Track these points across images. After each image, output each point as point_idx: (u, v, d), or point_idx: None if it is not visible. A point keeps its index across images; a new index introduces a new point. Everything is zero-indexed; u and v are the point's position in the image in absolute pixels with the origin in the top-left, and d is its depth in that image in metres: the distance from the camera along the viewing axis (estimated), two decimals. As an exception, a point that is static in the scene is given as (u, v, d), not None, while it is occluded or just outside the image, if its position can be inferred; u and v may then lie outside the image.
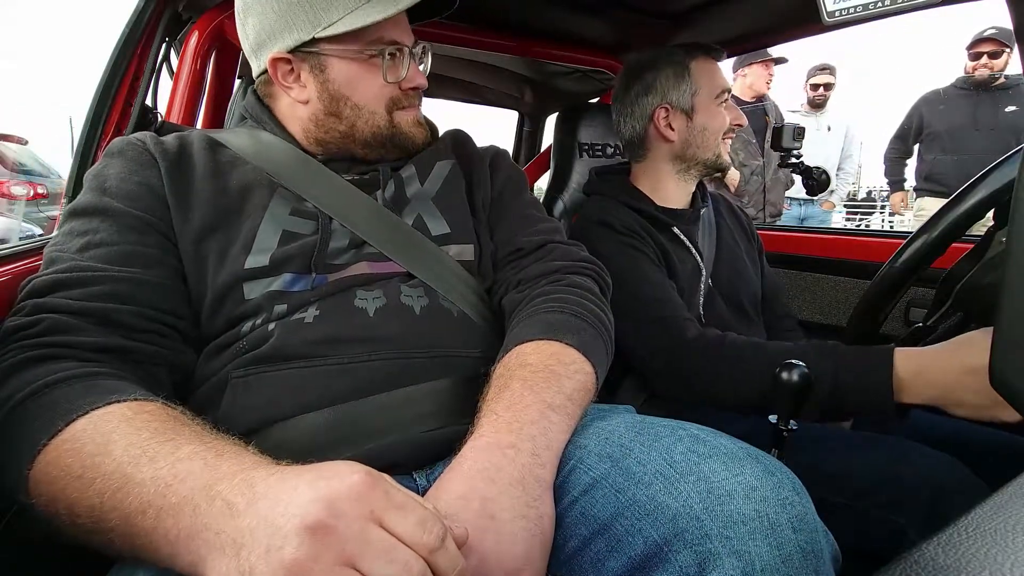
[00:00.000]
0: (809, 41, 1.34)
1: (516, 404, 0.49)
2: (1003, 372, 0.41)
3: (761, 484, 0.40)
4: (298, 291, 0.61)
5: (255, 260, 0.60)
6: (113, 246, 0.57)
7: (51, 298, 0.52)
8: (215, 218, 0.62)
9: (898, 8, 0.60)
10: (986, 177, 0.67)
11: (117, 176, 0.62)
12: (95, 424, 0.42)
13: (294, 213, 0.64)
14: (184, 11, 1.07)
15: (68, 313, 0.52)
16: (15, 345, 0.49)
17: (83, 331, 0.51)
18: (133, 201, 0.60)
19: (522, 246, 0.73)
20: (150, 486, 0.37)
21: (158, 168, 0.63)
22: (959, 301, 0.69)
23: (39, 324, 0.50)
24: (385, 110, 0.70)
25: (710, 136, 1.01)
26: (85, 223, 0.59)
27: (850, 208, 9.39)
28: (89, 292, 0.53)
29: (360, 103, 0.69)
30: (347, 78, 0.68)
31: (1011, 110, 2.62)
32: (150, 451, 0.39)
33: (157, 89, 1.07)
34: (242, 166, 0.66)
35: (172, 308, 0.58)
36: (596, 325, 0.62)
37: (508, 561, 0.39)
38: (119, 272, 0.55)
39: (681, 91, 1.00)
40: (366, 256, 0.65)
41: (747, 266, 1.09)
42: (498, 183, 0.80)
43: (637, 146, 1.06)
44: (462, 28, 1.31)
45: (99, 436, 0.41)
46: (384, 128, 0.70)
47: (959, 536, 0.27)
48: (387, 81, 0.69)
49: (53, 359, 0.49)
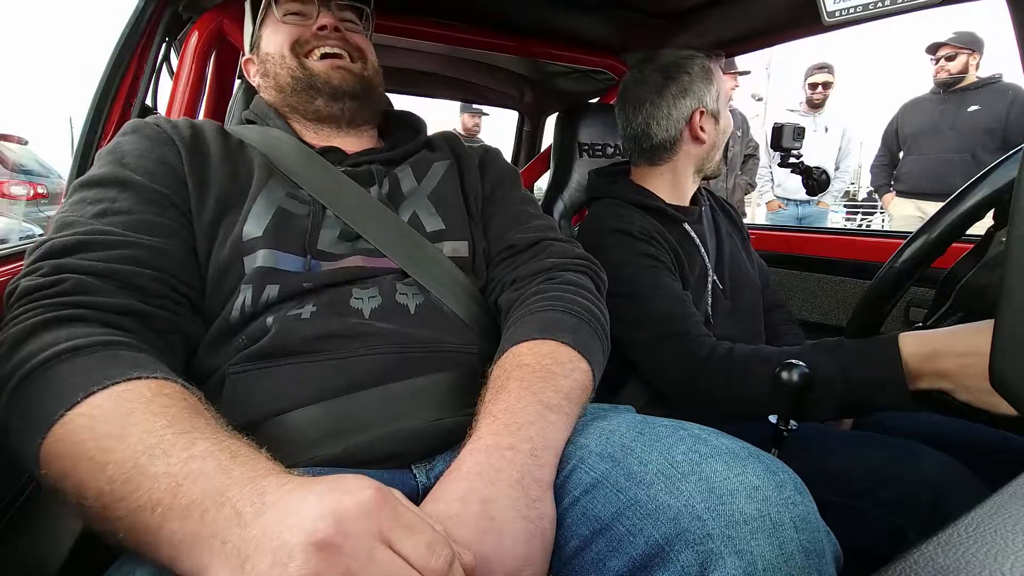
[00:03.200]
0: (810, 41, 1.34)
1: (514, 405, 0.49)
2: (1003, 372, 0.41)
3: (763, 483, 0.39)
4: (292, 271, 0.61)
5: (249, 231, 0.62)
6: (132, 215, 0.57)
7: (72, 259, 0.51)
8: (227, 200, 0.64)
9: (898, 8, 0.60)
10: (986, 177, 0.67)
11: (135, 152, 0.63)
12: (114, 401, 0.41)
13: (290, 195, 0.66)
14: (184, 11, 1.07)
15: (92, 275, 0.51)
16: (35, 304, 0.48)
17: (107, 293, 0.51)
18: (152, 176, 0.61)
19: (516, 243, 0.73)
20: (162, 482, 0.36)
21: (176, 147, 0.65)
22: (959, 301, 0.69)
23: (62, 283, 0.49)
24: (292, 52, 0.76)
25: (724, 138, 1.03)
26: (101, 192, 0.58)
27: (850, 208, 9.42)
28: (111, 255, 0.53)
29: (271, 52, 0.78)
30: (264, 40, 0.79)
31: (972, 110, 2.68)
32: (165, 442, 0.38)
33: (157, 89, 1.07)
34: (247, 151, 0.70)
35: (187, 279, 0.59)
36: (592, 323, 0.62)
37: (509, 562, 0.39)
38: (139, 239, 0.55)
39: (712, 94, 1.00)
40: (361, 251, 0.66)
41: (744, 260, 1.09)
42: (489, 180, 0.80)
43: (665, 149, 1.02)
44: (462, 28, 1.31)
45: (116, 416, 0.40)
46: (297, 70, 0.76)
47: (959, 536, 0.27)
48: (282, 22, 0.77)
49: (76, 321, 0.47)
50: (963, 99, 2.71)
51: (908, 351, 0.68)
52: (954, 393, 0.65)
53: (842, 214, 8.97)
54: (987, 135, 2.61)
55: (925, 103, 2.87)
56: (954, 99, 2.73)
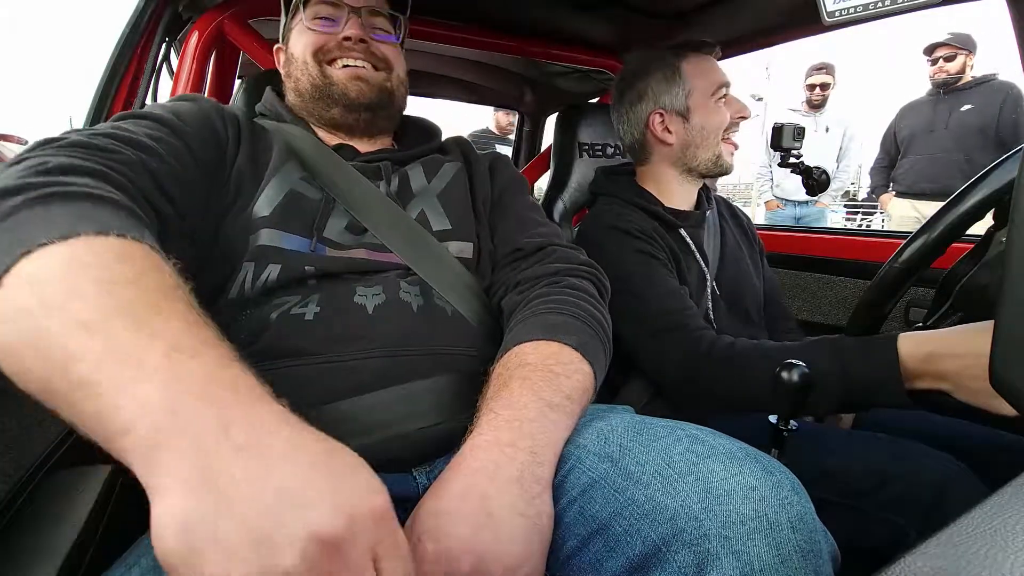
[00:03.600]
0: (810, 42, 1.34)
1: (515, 403, 0.49)
2: (1003, 372, 0.41)
3: (760, 484, 0.39)
4: (295, 251, 0.62)
5: (259, 210, 0.63)
6: (169, 146, 0.57)
7: (93, 138, 0.50)
8: (242, 180, 0.65)
9: (898, 8, 0.60)
10: (986, 177, 0.67)
11: (191, 113, 0.64)
12: (67, 259, 0.35)
13: (304, 179, 0.68)
14: (184, 11, 1.07)
15: (112, 147, 0.50)
16: (41, 151, 0.45)
17: (120, 154, 0.49)
18: (203, 141, 0.62)
19: (522, 247, 0.73)
20: (106, 388, 0.31)
21: (226, 124, 0.67)
22: (959, 301, 0.69)
23: (68, 140, 0.48)
24: (315, 60, 0.75)
25: (709, 135, 1.00)
26: (147, 124, 0.58)
27: (850, 208, 9.42)
28: (134, 151, 0.52)
29: (296, 55, 0.77)
30: (292, 40, 0.78)
31: (966, 109, 2.69)
32: (119, 339, 0.32)
33: (157, 89, 1.07)
34: (268, 136, 0.72)
35: (198, 213, 0.59)
36: (594, 327, 0.62)
37: (506, 559, 0.39)
38: (167, 156, 0.55)
39: (673, 94, 1.00)
40: (367, 244, 0.66)
41: (750, 269, 1.09)
42: (498, 185, 0.81)
43: (638, 151, 1.07)
44: (463, 28, 1.31)
45: (66, 278, 0.34)
46: (317, 78, 0.76)
47: (959, 536, 0.27)
48: (310, 28, 0.75)
49: (74, 171, 0.44)
50: (958, 99, 2.73)
51: (906, 351, 0.68)
52: (953, 393, 0.65)
53: (842, 214, 8.97)
54: (980, 134, 2.62)
55: (922, 105, 2.89)
56: (949, 99, 2.76)
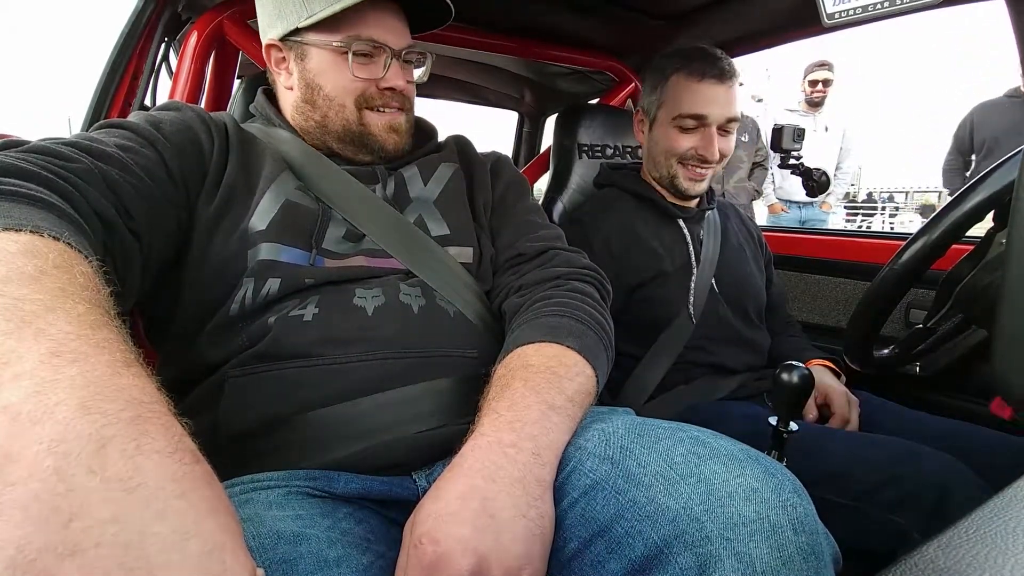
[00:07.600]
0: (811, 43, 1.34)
1: (517, 404, 0.49)
2: (1003, 372, 0.41)
3: (762, 486, 0.39)
4: (294, 264, 0.61)
5: (255, 225, 0.62)
6: (139, 156, 0.55)
7: (56, 145, 0.49)
8: (233, 192, 0.63)
9: (898, 9, 0.60)
10: (986, 179, 0.67)
11: (172, 123, 0.63)
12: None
13: (299, 189, 0.66)
14: (183, 11, 1.07)
15: (66, 153, 0.48)
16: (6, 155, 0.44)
17: (76, 162, 0.48)
18: (181, 153, 0.61)
19: (524, 251, 0.73)
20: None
21: (211, 136, 0.65)
22: (959, 302, 0.69)
23: (30, 145, 0.47)
24: (355, 105, 0.71)
25: (659, 154, 1.03)
26: (120, 133, 0.57)
27: (850, 209, 9.43)
28: (93, 160, 0.50)
29: (331, 94, 0.71)
30: (321, 67, 0.70)
31: None
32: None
33: (156, 89, 1.07)
34: (259, 145, 0.69)
35: (167, 225, 0.57)
36: (597, 331, 0.62)
37: (508, 560, 0.39)
38: (134, 167, 0.53)
39: (651, 99, 1.04)
40: (365, 251, 0.66)
41: (753, 272, 1.10)
42: (500, 188, 0.80)
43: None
44: (462, 28, 1.31)
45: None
46: (354, 124, 0.71)
47: (960, 538, 0.27)
48: (354, 76, 0.69)
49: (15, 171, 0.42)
50: None
51: None
52: None
53: (842, 215, 8.98)
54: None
55: (1003, 106, 2.72)
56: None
